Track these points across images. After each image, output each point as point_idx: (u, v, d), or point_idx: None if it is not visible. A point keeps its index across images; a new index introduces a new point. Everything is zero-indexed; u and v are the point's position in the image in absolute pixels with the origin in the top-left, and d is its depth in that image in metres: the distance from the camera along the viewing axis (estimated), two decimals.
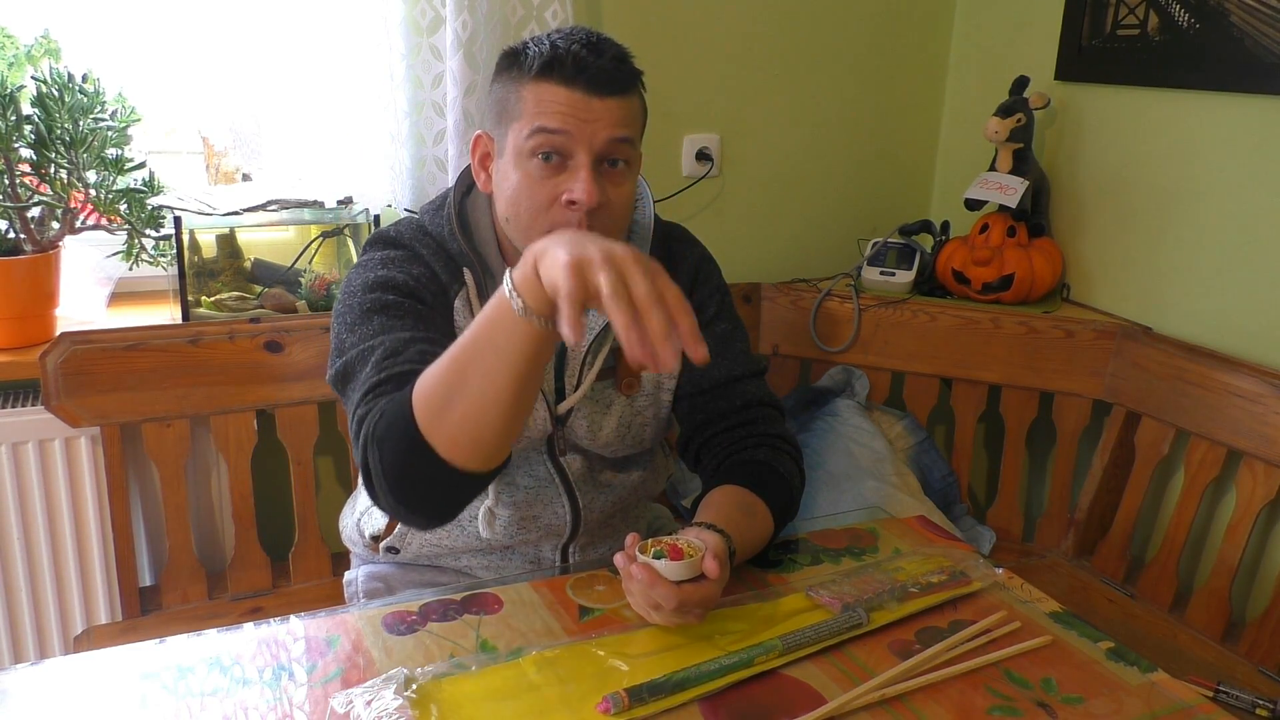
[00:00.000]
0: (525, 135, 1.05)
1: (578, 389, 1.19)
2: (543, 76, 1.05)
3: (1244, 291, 1.74)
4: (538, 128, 1.04)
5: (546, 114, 1.04)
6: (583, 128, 1.04)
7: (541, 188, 1.06)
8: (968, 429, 2.02)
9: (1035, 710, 0.88)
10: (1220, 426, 1.66)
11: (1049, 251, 2.00)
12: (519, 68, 1.07)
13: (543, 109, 1.04)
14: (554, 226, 1.05)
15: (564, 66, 1.04)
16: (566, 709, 0.85)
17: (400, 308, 1.08)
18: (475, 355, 0.89)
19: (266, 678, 0.89)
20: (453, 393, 0.90)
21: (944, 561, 1.10)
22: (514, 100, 1.07)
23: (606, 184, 1.07)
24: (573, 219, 1.06)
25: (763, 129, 2.17)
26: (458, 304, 1.14)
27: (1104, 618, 1.69)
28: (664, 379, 1.24)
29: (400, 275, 1.11)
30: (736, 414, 1.22)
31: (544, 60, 1.04)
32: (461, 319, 1.14)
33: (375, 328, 1.07)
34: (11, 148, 1.50)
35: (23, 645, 1.67)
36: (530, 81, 1.05)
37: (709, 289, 1.27)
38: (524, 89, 1.06)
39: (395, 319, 1.07)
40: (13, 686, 0.87)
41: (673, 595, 0.91)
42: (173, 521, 1.65)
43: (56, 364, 1.51)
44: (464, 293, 1.14)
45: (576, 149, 1.05)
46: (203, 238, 1.74)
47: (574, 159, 1.05)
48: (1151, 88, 1.87)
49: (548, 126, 1.04)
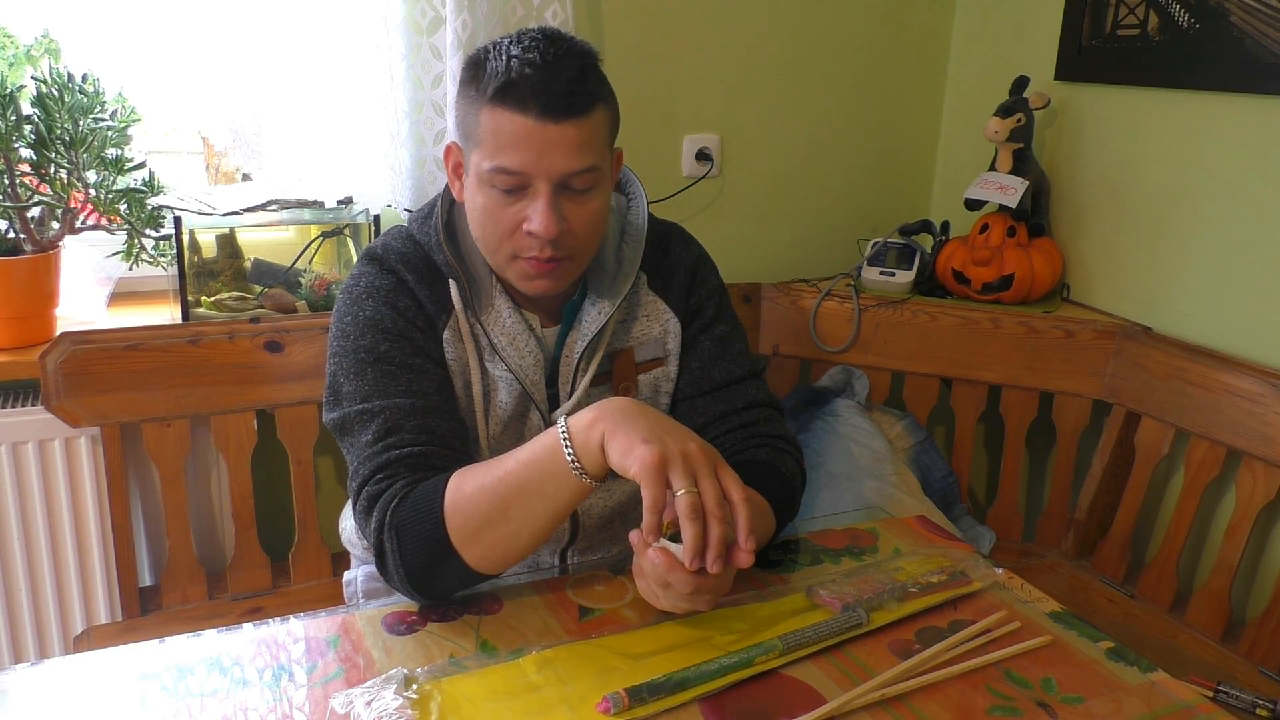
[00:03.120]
0: (485, 167, 1.04)
1: (571, 395, 1.18)
2: (498, 102, 1.02)
3: (1244, 291, 1.74)
4: (495, 167, 1.03)
5: (504, 149, 1.02)
6: (539, 159, 1.02)
7: (503, 215, 1.06)
8: (968, 429, 2.02)
9: (1035, 710, 0.88)
10: (1220, 426, 1.66)
11: (1049, 251, 2.00)
12: (477, 86, 1.04)
13: (500, 141, 1.02)
14: (517, 252, 1.07)
15: (518, 91, 1.01)
16: (566, 709, 0.85)
17: (394, 359, 1.09)
18: (521, 495, 0.95)
19: (266, 678, 0.89)
20: (492, 520, 0.96)
21: (944, 561, 1.10)
22: (474, 123, 1.05)
23: (569, 207, 1.06)
24: (534, 246, 1.06)
25: (763, 129, 2.17)
26: (446, 334, 1.13)
27: (1104, 618, 1.69)
28: (662, 382, 1.23)
29: (389, 315, 1.11)
30: (737, 415, 1.22)
31: (499, 84, 1.01)
32: (451, 349, 1.13)
33: (371, 384, 1.08)
34: (11, 148, 1.50)
35: (23, 645, 1.67)
36: (487, 106, 1.03)
37: (707, 290, 1.25)
38: (481, 113, 1.04)
39: (390, 376, 1.08)
40: (13, 686, 0.87)
41: (688, 580, 0.90)
42: (173, 521, 1.65)
43: (56, 364, 1.51)
44: (452, 322, 1.13)
45: (535, 179, 1.03)
46: (203, 238, 1.74)
47: (533, 187, 1.04)
48: (1151, 88, 1.87)
49: (505, 166, 1.03)
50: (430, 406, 1.08)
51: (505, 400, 1.16)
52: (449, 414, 1.10)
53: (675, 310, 1.23)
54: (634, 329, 1.22)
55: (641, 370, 1.22)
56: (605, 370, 1.20)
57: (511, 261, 1.09)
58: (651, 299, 1.22)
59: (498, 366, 1.15)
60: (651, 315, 1.22)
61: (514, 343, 1.14)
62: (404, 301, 1.12)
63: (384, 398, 1.07)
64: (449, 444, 1.07)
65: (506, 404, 1.16)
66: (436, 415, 1.08)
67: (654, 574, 0.93)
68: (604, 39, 1.97)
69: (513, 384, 1.15)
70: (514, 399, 1.16)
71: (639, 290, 1.22)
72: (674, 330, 1.23)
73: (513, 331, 1.14)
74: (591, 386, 1.19)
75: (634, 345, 1.21)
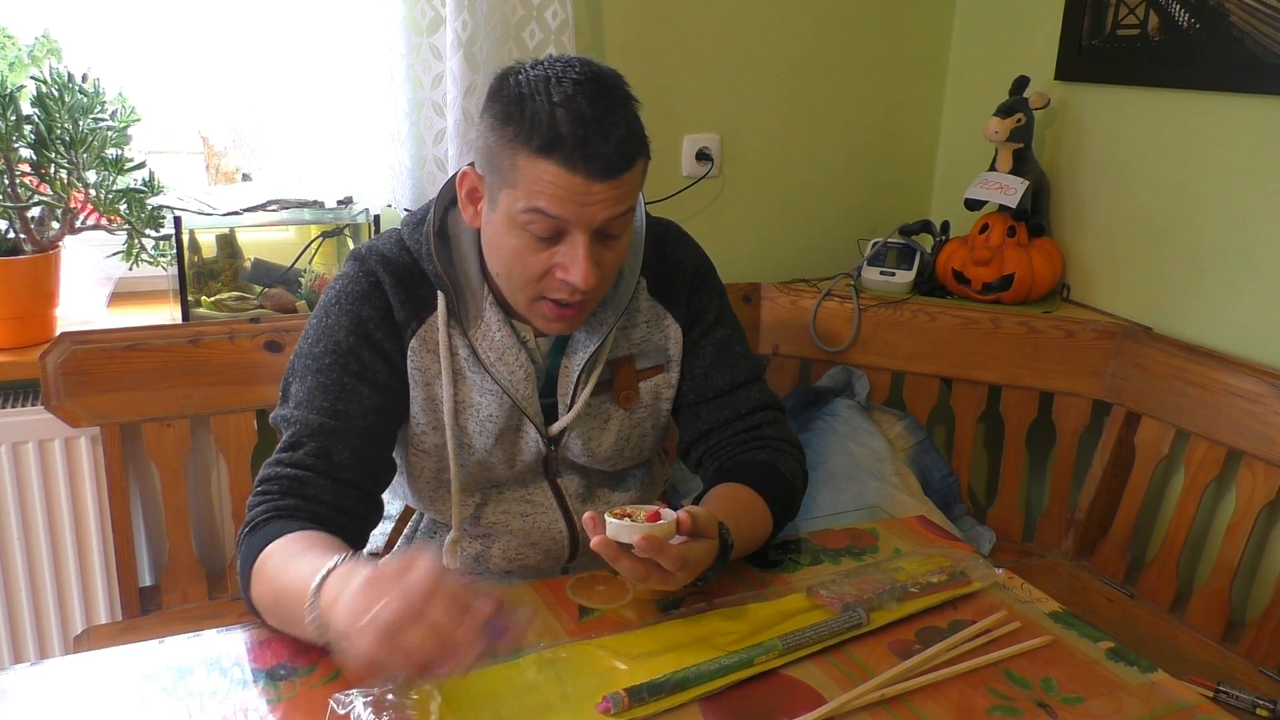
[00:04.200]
0: (520, 208, 1.01)
1: (571, 408, 1.16)
2: (543, 156, 0.98)
3: (1244, 291, 1.74)
4: (534, 208, 1.00)
5: (545, 196, 0.99)
6: (581, 212, 1.00)
7: (535, 260, 1.03)
8: (968, 429, 2.01)
9: (1035, 710, 0.88)
10: (1220, 426, 1.66)
11: (1049, 251, 2.00)
12: (515, 128, 0.99)
13: (541, 189, 0.99)
14: (544, 294, 1.06)
15: (566, 149, 0.97)
16: (566, 709, 0.85)
17: (330, 373, 1.09)
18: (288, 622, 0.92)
19: (266, 678, 0.89)
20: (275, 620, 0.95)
21: (944, 561, 1.10)
22: (508, 164, 1.01)
23: (601, 251, 1.04)
24: (564, 290, 1.05)
25: (763, 129, 2.17)
26: (414, 344, 1.12)
27: (1104, 618, 1.69)
28: (663, 388, 1.22)
29: (347, 326, 1.10)
30: (740, 420, 1.21)
31: (545, 140, 0.97)
32: (418, 358, 1.12)
33: (304, 393, 1.09)
34: (11, 148, 1.50)
35: (23, 645, 1.67)
36: (528, 154, 0.98)
37: (707, 293, 1.24)
38: (519, 158, 0.99)
39: (321, 390, 1.09)
40: (13, 686, 0.87)
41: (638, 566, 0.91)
42: (173, 521, 1.65)
43: (56, 364, 1.51)
44: (423, 331, 1.12)
45: (573, 229, 1.01)
46: (203, 238, 1.74)
47: (569, 236, 1.02)
48: (1151, 88, 1.87)
49: (546, 211, 1.00)
50: (341, 429, 1.07)
51: (494, 414, 1.14)
52: (363, 440, 1.09)
53: (676, 316, 1.22)
54: (634, 335, 1.20)
55: (642, 377, 1.21)
56: (606, 379, 1.18)
57: (534, 303, 1.08)
58: (651, 304, 1.21)
59: (485, 380, 1.13)
60: (652, 321, 1.21)
61: (503, 358, 1.12)
62: (368, 311, 1.10)
63: (304, 410, 1.08)
64: (338, 473, 1.06)
65: (496, 417, 1.14)
66: (343, 440, 1.07)
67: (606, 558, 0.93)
68: (604, 39, 1.97)
69: (502, 398, 1.14)
70: (504, 413, 1.14)
71: (639, 296, 1.20)
72: (675, 336, 1.22)
73: (502, 346, 1.12)
74: (592, 396, 1.17)
75: (635, 353, 1.20)
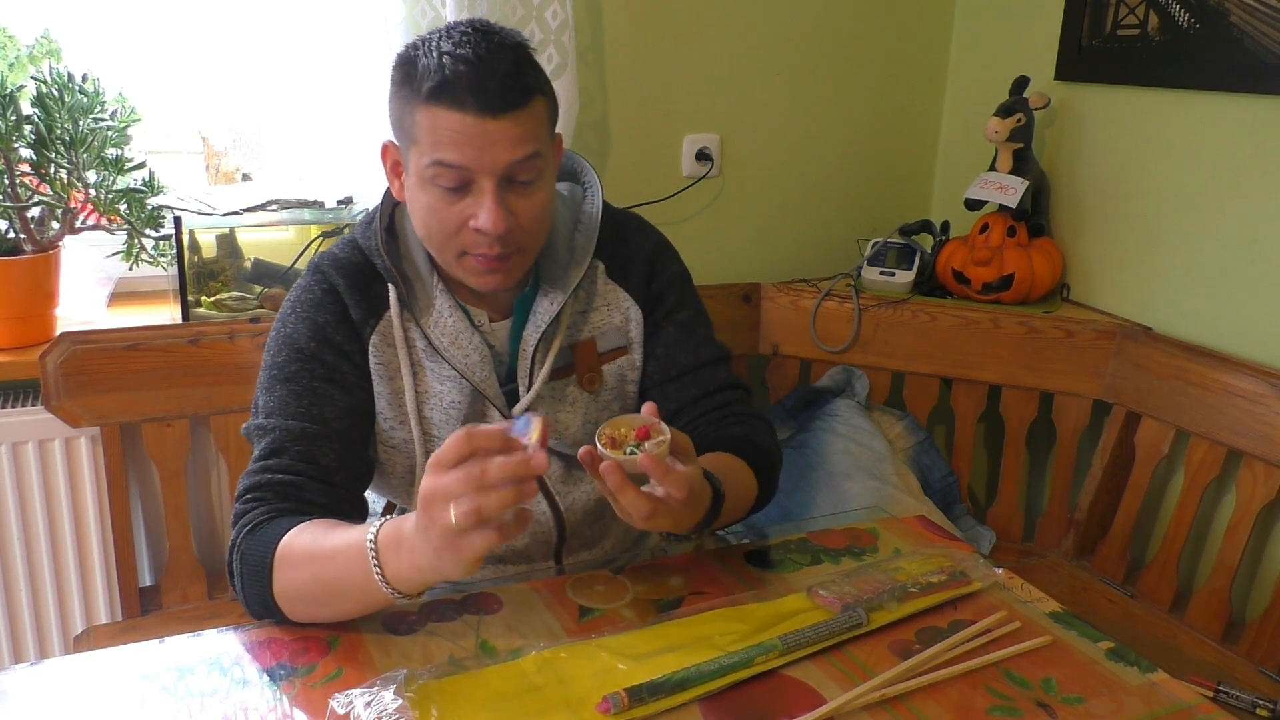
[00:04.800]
0: (425, 164, 1.03)
1: (530, 389, 1.17)
2: (433, 101, 1.00)
3: (1244, 291, 1.74)
4: (434, 160, 1.02)
5: (442, 145, 1.01)
6: (481, 154, 1.01)
7: (449, 214, 1.05)
8: (968, 429, 2.01)
9: (1035, 710, 0.88)
10: (1220, 426, 1.66)
11: (1049, 251, 2.00)
12: (410, 85, 1.03)
13: (438, 139, 1.01)
14: (465, 249, 1.07)
15: (454, 89, 0.99)
16: (566, 709, 0.85)
17: (300, 380, 1.10)
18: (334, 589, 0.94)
19: (266, 678, 0.89)
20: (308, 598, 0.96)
21: (944, 561, 1.10)
22: (410, 121, 1.04)
23: (515, 200, 1.05)
24: (482, 242, 1.05)
25: (762, 129, 2.17)
26: (374, 340, 1.13)
27: (1104, 618, 1.69)
28: (627, 370, 1.24)
29: (307, 333, 1.11)
30: (709, 399, 1.22)
31: (433, 83, 1.00)
32: (378, 354, 1.13)
33: (275, 401, 1.10)
34: (11, 148, 1.50)
35: (23, 645, 1.67)
36: (422, 105, 1.01)
37: (668, 277, 1.25)
38: (417, 111, 1.02)
39: (293, 397, 1.09)
40: (13, 686, 0.87)
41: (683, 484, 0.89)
42: (173, 521, 1.65)
43: (56, 364, 1.51)
44: (381, 327, 1.13)
45: (478, 176, 1.02)
46: (203, 238, 1.74)
47: (476, 183, 1.03)
48: (1151, 88, 1.87)
49: (445, 160, 1.01)
50: (321, 433, 1.08)
51: (456, 400, 1.15)
52: (342, 442, 1.10)
53: (635, 298, 1.23)
54: (593, 318, 1.21)
55: (605, 360, 1.22)
56: (568, 363, 1.20)
57: (460, 259, 1.08)
58: (610, 288, 1.22)
59: (443, 367, 1.14)
60: (612, 304, 1.22)
61: (456, 342, 1.13)
62: (325, 316, 1.12)
63: (280, 418, 1.09)
64: (328, 475, 1.07)
65: (459, 404, 1.15)
66: (325, 443, 1.08)
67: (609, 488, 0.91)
68: (604, 38, 1.97)
69: (461, 384, 1.14)
70: (465, 399, 1.15)
71: (596, 279, 1.22)
72: (635, 318, 1.23)
73: (454, 331, 1.13)
74: (554, 379, 1.19)
75: (595, 335, 1.21)
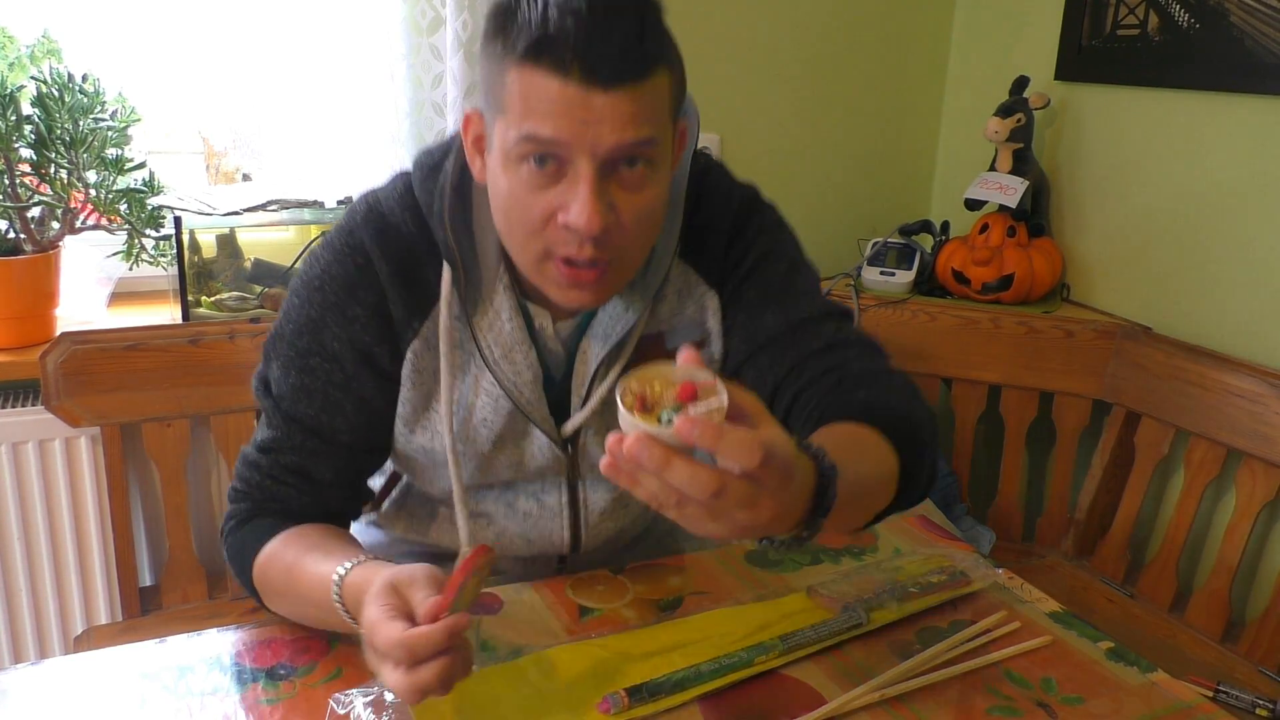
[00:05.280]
0: (513, 138, 0.82)
1: (585, 405, 1.00)
2: (530, 60, 0.80)
3: (1244, 291, 1.74)
4: (525, 134, 0.81)
5: (535, 115, 0.81)
6: (582, 131, 0.80)
7: (535, 201, 0.84)
8: (968, 429, 2.01)
9: (1035, 710, 0.87)
10: (1220, 426, 1.66)
11: (1049, 251, 2.00)
12: (504, 38, 0.82)
13: (531, 107, 0.81)
14: (550, 250, 0.86)
15: (556, 47, 0.79)
16: (566, 709, 0.85)
17: (317, 379, 0.96)
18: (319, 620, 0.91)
19: (266, 678, 0.89)
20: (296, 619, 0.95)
21: (944, 561, 1.10)
22: (499, 84, 0.83)
23: (618, 194, 0.84)
24: (571, 242, 0.84)
25: (763, 130, 2.17)
26: (416, 344, 0.96)
27: (1104, 618, 1.69)
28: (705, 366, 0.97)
29: (333, 327, 0.95)
30: (815, 360, 0.96)
31: (533, 38, 0.79)
32: (417, 360, 0.97)
33: (290, 389, 0.97)
34: (11, 148, 1.50)
35: (23, 645, 1.67)
36: (516, 64, 0.81)
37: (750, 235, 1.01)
38: (509, 72, 0.82)
39: (306, 395, 0.97)
40: (13, 686, 0.87)
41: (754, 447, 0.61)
42: (173, 521, 1.65)
43: (56, 364, 1.51)
44: (425, 330, 0.96)
45: (575, 157, 0.82)
46: (203, 238, 1.74)
47: (572, 166, 0.82)
48: (1151, 88, 1.87)
49: (538, 134, 0.81)
50: (321, 449, 0.98)
51: (488, 418, 0.99)
52: (345, 458, 0.99)
53: (708, 279, 1.01)
54: (660, 309, 1.00)
55: None
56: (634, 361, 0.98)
57: (542, 263, 0.88)
58: (682, 271, 1.00)
59: (486, 378, 0.98)
60: (683, 291, 1.00)
61: (509, 355, 0.96)
62: (357, 309, 0.94)
63: (289, 405, 0.97)
64: (319, 495, 0.99)
65: (490, 422, 0.99)
66: (325, 460, 0.98)
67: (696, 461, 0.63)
68: None
69: (501, 399, 0.98)
70: (502, 418, 0.99)
71: None
72: (713, 307, 1.01)
73: (510, 341, 0.96)
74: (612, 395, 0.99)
75: (663, 329, 1.00)
